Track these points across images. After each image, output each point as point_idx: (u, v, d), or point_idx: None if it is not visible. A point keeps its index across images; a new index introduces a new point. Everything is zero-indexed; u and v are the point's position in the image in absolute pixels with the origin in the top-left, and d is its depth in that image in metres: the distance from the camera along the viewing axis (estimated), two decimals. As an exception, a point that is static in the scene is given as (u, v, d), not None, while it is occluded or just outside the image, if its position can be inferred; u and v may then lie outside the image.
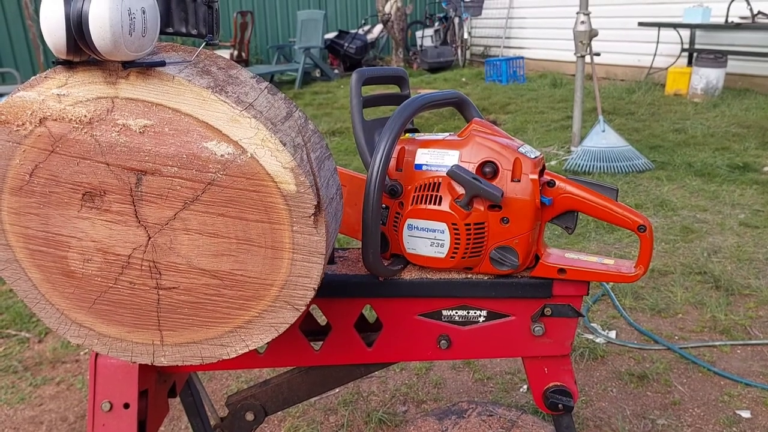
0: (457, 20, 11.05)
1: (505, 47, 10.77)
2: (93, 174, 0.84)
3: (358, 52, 10.88)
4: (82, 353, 2.60)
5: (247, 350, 0.94)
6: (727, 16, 6.98)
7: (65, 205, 0.86)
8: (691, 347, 2.44)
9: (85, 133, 0.82)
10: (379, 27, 11.26)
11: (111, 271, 0.89)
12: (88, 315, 0.93)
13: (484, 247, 1.09)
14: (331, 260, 1.21)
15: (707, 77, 6.85)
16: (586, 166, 4.69)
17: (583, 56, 4.80)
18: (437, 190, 1.08)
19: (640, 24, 7.94)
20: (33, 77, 0.84)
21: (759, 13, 6.81)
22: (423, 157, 1.12)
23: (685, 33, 7.68)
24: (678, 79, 7.25)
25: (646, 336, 2.54)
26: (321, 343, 1.21)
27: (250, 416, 1.31)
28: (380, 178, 1.02)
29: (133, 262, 0.88)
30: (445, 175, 1.08)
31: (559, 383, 1.19)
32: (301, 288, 0.89)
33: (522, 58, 9.43)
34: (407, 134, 1.20)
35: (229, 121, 0.81)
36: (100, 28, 0.73)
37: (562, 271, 1.11)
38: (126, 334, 0.94)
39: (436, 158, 1.11)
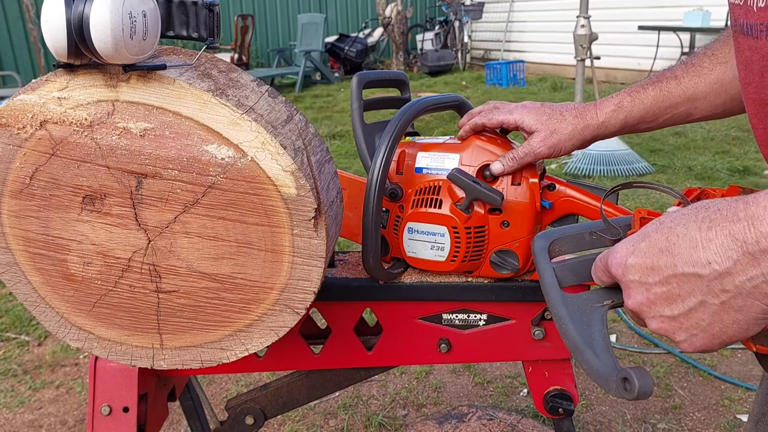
0: (457, 24, 11.07)
1: (505, 51, 10.79)
2: (93, 177, 0.84)
3: (359, 55, 10.89)
4: (81, 357, 2.60)
5: (247, 354, 0.94)
6: (726, 19, 6.99)
7: (65, 208, 0.86)
8: (692, 351, 2.43)
9: (86, 136, 0.82)
10: (379, 30, 11.28)
11: (111, 274, 0.89)
12: (87, 318, 0.93)
13: (485, 250, 1.09)
14: (331, 263, 1.21)
15: (707, 81, 6.85)
16: (586, 169, 4.69)
17: (583, 60, 4.80)
18: (437, 194, 1.08)
19: (640, 28, 7.95)
20: (34, 80, 0.84)
21: (759, 17, 6.82)
22: (423, 160, 1.12)
23: (685, 37, 7.69)
24: (678, 83, 7.25)
25: (646, 339, 2.53)
26: (321, 346, 1.21)
27: (249, 420, 1.30)
28: (380, 181, 1.02)
29: (133, 265, 0.88)
30: (445, 178, 1.08)
31: (559, 387, 1.19)
32: (301, 291, 0.89)
33: (522, 61, 9.44)
34: (407, 137, 1.20)
35: (229, 124, 0.81)
36: (101, 31, 0.73)
37: (562, 274, 1.10)
38: (126, 338, 0.94)
39: (436, 161, 1.11)
